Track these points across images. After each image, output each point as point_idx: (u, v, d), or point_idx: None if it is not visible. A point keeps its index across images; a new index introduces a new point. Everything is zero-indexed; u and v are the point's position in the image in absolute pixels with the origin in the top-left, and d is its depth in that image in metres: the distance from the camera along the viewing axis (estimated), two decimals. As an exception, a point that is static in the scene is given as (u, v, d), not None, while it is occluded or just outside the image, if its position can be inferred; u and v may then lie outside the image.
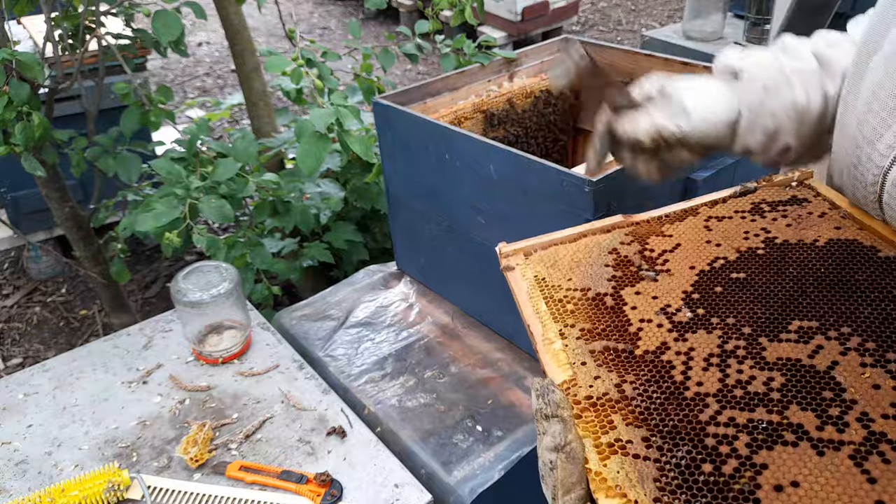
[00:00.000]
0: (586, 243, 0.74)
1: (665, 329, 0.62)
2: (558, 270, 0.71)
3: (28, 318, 2.75)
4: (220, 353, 1.25)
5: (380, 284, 1.52)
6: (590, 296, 0.67)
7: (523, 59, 1.57)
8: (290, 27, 1.94)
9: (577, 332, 0.63)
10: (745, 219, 0.74)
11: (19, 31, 2.61)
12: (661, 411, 0.55)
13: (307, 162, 1.44)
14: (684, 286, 0.67)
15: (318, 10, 6.51)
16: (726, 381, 0.56)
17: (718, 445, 0.52)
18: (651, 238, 0.73)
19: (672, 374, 0.57)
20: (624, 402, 0.56)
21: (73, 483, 0.99)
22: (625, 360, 0.59)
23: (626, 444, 0.53)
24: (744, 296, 0.64)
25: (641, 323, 0.63)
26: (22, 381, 1.24)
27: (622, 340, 0.61)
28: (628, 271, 0.69)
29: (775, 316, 0.61)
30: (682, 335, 0.61)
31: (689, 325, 0.62)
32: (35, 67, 1.49)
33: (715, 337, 0.60)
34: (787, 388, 0.55)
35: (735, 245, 0.70)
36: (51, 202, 1.89)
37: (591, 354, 0.60)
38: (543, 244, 0.75)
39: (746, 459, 0.50)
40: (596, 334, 0.62)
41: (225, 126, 4.12)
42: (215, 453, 1.08)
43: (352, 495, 1.00)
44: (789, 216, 0.73)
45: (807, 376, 0.56)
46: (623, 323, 0.63)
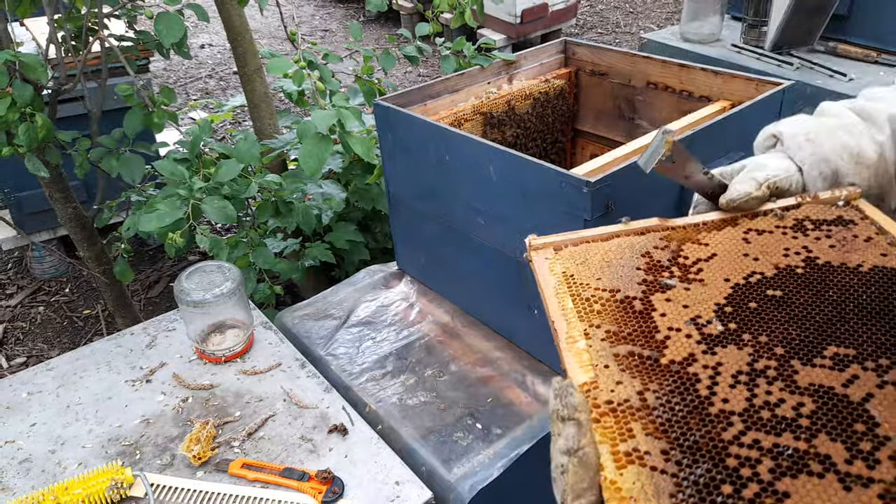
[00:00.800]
0: (619, 244, 0.72)
1: (694, 340, 0.59)
2: (588, 269, 0.69)
3: (32, 317, 2.76)
4: (222, 352, 1.26)
5: (380, 284, 1.53)
6: (618, 297, 0.65)
7: (522, 62, 1.58)
8: (292, 29, 1.95)
9: (602, 334, 0.61)
10: (787, 235, 0.70)
11: (22, 33, 2.63)
12: (682, 424, 0.52)
13: (309, 163, 1.45)
14: (717, 298, 0.64)
15: (320, 12, 6.53)
16: (753, 401, 0.54)
17: (740, 467, 0.49)
18: (686, 245, 0.71)
19: (697, 387, 0.55)
20: (645, 410, 0.54)
21: (77, 481, 1.00)
22: (649, 368, 0.57)
23: (645, 454, 0.51)
24: (779, 315, 0.61)
25: (670, 331, 0.61)
26: (26, 380, 1.25)
27: (648, 347, 0.59)
28: (660, 276, 0.67)
29: (810, 339, 0.58)
30: (712, 348, 0.58)
31: (720, 338, 0.59)
32: (38, 69, 1.50)
33: (745, 354, 0.57)
34: (818, 416, 0.52)
35: (773, 261, 0.67)
36: (54, 202, 1.91)
37: (614, 358, 0.58)
38: (574, 241, 0.72)
39: (769, 485, 0.48)
40: (622, 337, 0.61)
41: (227, 127, 4.13)
42: (218, 451, 1.09)
43: (353, 492, 1.01)
44: (833, 237, 0.69)
45: (839, 405, 0.53)
46: (650, 329, 0.61)
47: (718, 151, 1.18)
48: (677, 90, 1.43)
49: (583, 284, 0.67)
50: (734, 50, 2.32)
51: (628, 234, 0.73)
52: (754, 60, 2.21)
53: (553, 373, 1.24)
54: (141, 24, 2.01)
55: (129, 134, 1.73)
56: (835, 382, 0.54)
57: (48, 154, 1.71)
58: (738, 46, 2.32)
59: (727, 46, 2.36)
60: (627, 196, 1.05)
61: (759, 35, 2.29)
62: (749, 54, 2.26)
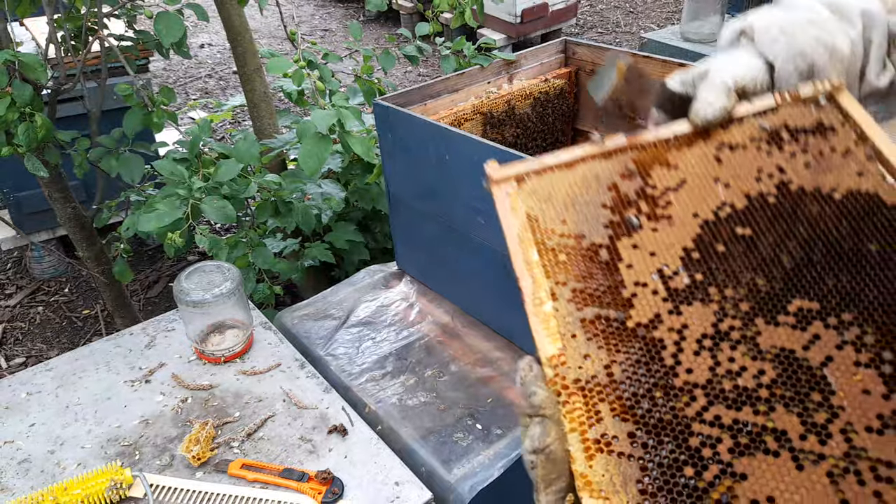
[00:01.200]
0: (584, 174, 0.67)
1: (660, 297, 0.58)
2: (553, 207, 0.65)
3: (31, 317, 2.76)
4: (222, 353, 1.26)
5: (380, 284, 1.53)
6: (584, 245, 0.62)
7: (523, 61, 1.58)
8: (292, 29, 1.95)
9: (568, 293, 0.59)
10: (761, 150, 0.65)
11: (22, 33, 2.62)
12: (648, 399, 0.53)
13: (309, 162, 1.45)
14: (685, 240, 0.61)
15: (320, 12, 6.53)
16: (717, 370, 0.54)
17: (702, 447, 0.50)
18: (655, 169, 0.66)
19: (663, 355, 0.55)
20: (612, 386, 0.54)
21: (76, 481, 1.00)
22: (616, 333, 0.56)
23: (612, 439, 0.51)
24: (747, 260, 0.59)
25: (636, 287, 0.59)
26: (25, 380, 1.25)
27: (615, 306, 0.58)
28: (627, 213, 0.64)
29: (776, 290, 0.57)
30: (678, 307, 0.57)
31: (686, 293, 0.58)
32: (38, 68, 1.50)
33: (710, 312, 0.56)
34: (777, 385, 0.53)
35: (745, 188, 0.63)
36: (54, 202, 1.90)
37: (581, 325, 0.57)
38: (538, 169, 0.67)
39: (728, 466, 0.49)
40: (588, 296, 0.59)
41: (227, 127, 4.13)
42: (217, 451, 1.08)
43: (353, 493, 1.01)
44: (809, 152, 0.64)
45: (798, 372, 0.53)
46: (617, 284, 0.59)
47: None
48: (678, 90, 1.43)
49: (548, 230, 0.63)
50: (734, 50, 2.31)
51: (595, 158, 0.68)
52: (754, 60, 2.20)
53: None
54: (140, 24, 2.01)
55: (129, 134, 1.73)
56: (796, 345, 0.54)
57: (47, 154, 1.70)
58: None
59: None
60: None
61: (760, 35, 2.29)
62: (749, 54, 2.25)
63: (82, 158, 1.76)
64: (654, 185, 0.65)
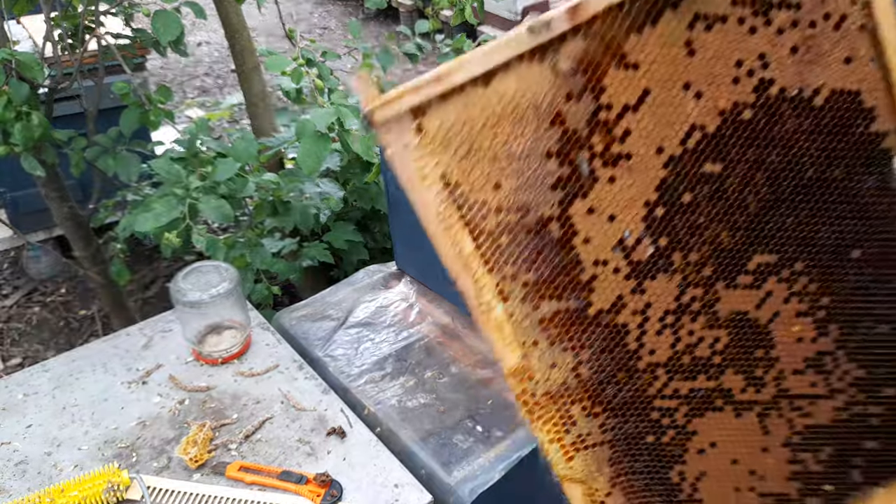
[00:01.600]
0: (514, 98, 0.48)
1: (622, 276, 0.52)
2: (479, 166, 0.48)
3: (27, 318, 2.75)
4: (219, 354, 1.25)
5: (380, 284, 1.52)
6: (529, 221, 0.50)
7: (523, 60, 1.57)
8: (290, 27, 1.94)
9: (520, 289, 0.51)
10: (742, 29, 0.51)
11: (18, 31, 2.61)
12: (613, 384, 0.53)
13: (308, 161, 1.44)
14: (648, 191, 0.51)
15: (318, 9, 6.51)
16: (677, 346, 0.54)
17: (661, 418, 0.54)
18: (609, 75, 0.49)
19: (626, 340, 0.53)
20: (581, 387, 0.53)
21: (73, 483, 0.99)
22: (578, 325, 0.51)
23: (586, 437, 0.53)
24: (713, 208, 0.52)
25: (596, 267, 0.52)
26: (21, 381, 1.24)
27: (574, 294, 0.51)
28: (577, 157, 0.51)
29: (739, 246, 0.53)
30: (641, 284, 0.52)
31: (649, 266, 0.52)
32: (34, 67, 1.49)
33: (674, 285, 0.53)
34: (729, 350, 0.55)
35: (720, 98, 0.51)
36: (50, 202, 1.89)
37: (541, 327, 0.51)
38: (442, 92, 0.46)
39: (682, 428, 0.54)
40: (543, 288, 0.51)
41: (225, 126, 4.12)
42: (215, 453, 1.08)
43: (352, 496, 1.00)
44: (799, 27, 0.52)
45: (748, 333, 0.55)
46: (574, 265, 0.51)
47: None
48: (679, 89, 1.42)
49: (479, 205, 0.49)
50: (734, 48, 2.31)
51: (523, 61, 0.47)
52: (755, 59, 2.20)
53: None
54: (138, 22, 2.00)
55: (126, 132, 1.72)
56: (750, 305, 0.55)
57: (44, 153, 1.69)
58: None
59: None
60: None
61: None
62: (749, 53, 2.25)
63: (79, 157, 1.75)
64: (609, 102, 0.49)
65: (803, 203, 0.54)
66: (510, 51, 0.46)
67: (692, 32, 0.50)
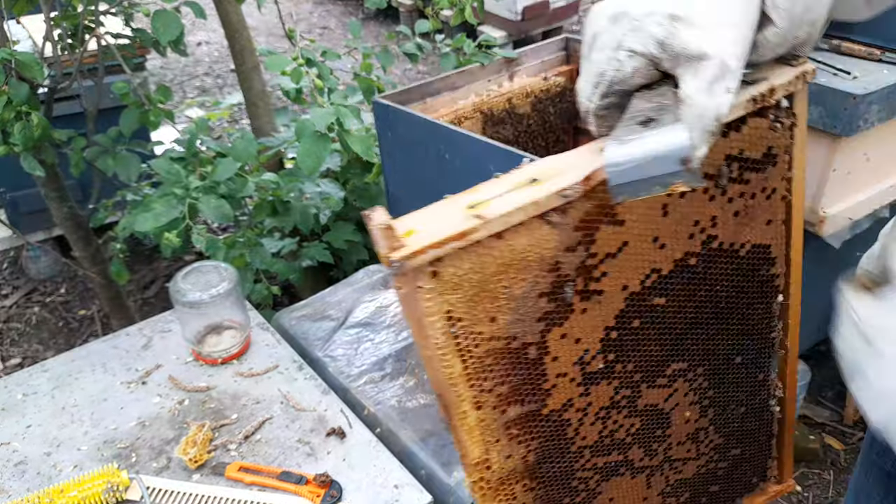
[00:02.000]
0: (523, 251, 0.53)
1: (576, 383, 0.62)
2: (481, 305, 0.53)
3: (27, 318, 2.74)
4: (219, 354, 1.25)
5: (379, 284, 1.52)
6: (513, 346, 0.56)
7: (523, 59, 1.57)
8: (290, 26, 1.94)
9: (493, 400, 0.57)
10: (705, 197, 0.61)
11: (18, 31, 2.61)
12: (548, 463, 0.64)
13: (307, 161, 1.44)
14: (608, 319, 0.60)
15: (318, 9, 6.51)
16: (602, 432, 0.66)
17: (579, 485, 0.67)
18: (601, 230, 0.57)
19: (567, 431, 0.63)
20: (527, 471, 0.63)
21: (72, 484, 0.99)
22: (533, 423, 0.61)
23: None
24: (652, 330, 0.64)
25: (557, 378, 0.60)
26: (21, 381, 1.24)
27: (534, 400, 0.60)
28: (562, 300, 0.57)
29: (664, 355, 0.66)
30: (587, 389, 0.63)
31: (597, 375, 0.63)
32: (34, 67, 1.49)
33: (612, 389, 0.64)
34: (638, 432, 0.67)
35: (677, 250, 0.61)
36: (50, 202, 1.89)
37: (505, 429, 0.60)
38: (460, 247, 0.50)
39: (592, 490, 0.68)
40: (511, 397, 0.58)
41: (224, 126, 4.11)
42: (214, 454, 1.07)
43: (351, 496, 1.00)
44: (745, 196, 0.62)
45: (655, 419, 0.68)
46: (539, 379, 0.59)
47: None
48: (679, 88, 1.42)
49: (474, 334, 0.53)
50: (735, 48, 2.30)
51: (535, 220, 0.53)
52: (755, 59, 2.19)
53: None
54: (138, 22, 2.00)
55: (126, 132, 1.72)
56: (660, 399, 0.67)
57: (44, 153, 1.69)
58: None
59: None
60: (630, 195, 1.04)
61: (760, 33, 2.28)
62: (750, 52, 2.24)
63: (79, 157, 1.75)
64: (596, 251, 0.57)
65: (714, 324, 0.67)
66: (528, 213, 0.52)
67: (670, 198, 0.59)
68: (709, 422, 0.71)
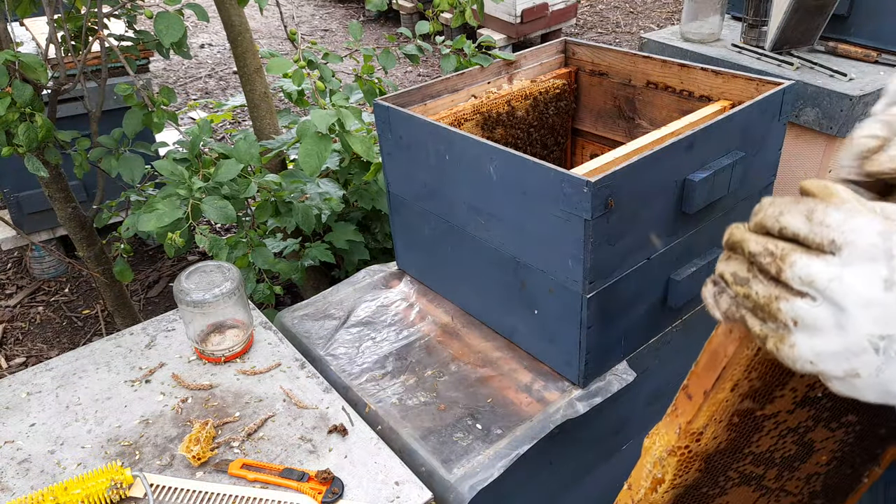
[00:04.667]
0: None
1: (793, 402, 0.64)
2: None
3: (31, 317, 2.76)
4: (222, 352, 1.26)
5: (380, 284, 1.53)
6: None
7: (522, 61, 1.58)
8: (292, 29, 1.95)
9: (745, 388, 0.62)
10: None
11: (22, 33, 2.62)
12: (724, 456, 0.66)
13: (309, 162, 1.45)
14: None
15: (320, 12, 6.53)
16: (772, 447, 0.67)
17: (721, 482, 0.68)
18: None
19: (754, 436, 0.66)
20: (712, 455, 0.65)
21: (76, 481, 1.00)
22: (748, 419, 0.64)
23: (683, 481, 0.66)
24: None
25: (789, 391, 0.64)
26: (25, 380, 1.25)
27: (763, 401, 0.63)
28: None
29: (850, 403, 0.66)
30: (795, 408, 0.65)
31: (810, 401, 0.65)
32: (38, 69, 1.50)
33: (807, 415, 0.66)
34: (788, 458, 0.69)
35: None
36: (54, 202, 1.90)
37: (732, 415, 0.63)
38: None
39: (724, 490, 0.69)
40: (757, 393, 0.63)
41: (227, 127, 4.13)
42: (217, 451, 1.08)
43: (353, 493, 1.01)
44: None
45: (804, 453, 0.68)
46: (780, 386, 0.63)
47: (719, 151, 1.18)
48: (677, 90, 1.43)
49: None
50: (734, 50, 2.32)
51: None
52: (754, 60, 2.20)
53: (553, 372, 1.24)
54: (141, 24, 2.01)
55: (129, 134, 1.73)
56: (821, 439, 0.68)
57: (48, 154, 1.70)
58: (739, 46, 2.32)
59: (727, 46, 2.36)
60: (628, 196, 1.05)
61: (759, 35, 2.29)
62: (749, 54, 2.26)
63: (82, 158, 1.76)
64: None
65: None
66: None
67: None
68: (826, 471, 0.72)
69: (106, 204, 1.99)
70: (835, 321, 0.44)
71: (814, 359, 0.46)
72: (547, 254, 1.12)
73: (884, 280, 0.43)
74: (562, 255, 1.09)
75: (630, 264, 1.14)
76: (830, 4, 2.03)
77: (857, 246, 0.44)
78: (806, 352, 0.46)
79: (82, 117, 2.40)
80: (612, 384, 1.22)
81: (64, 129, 1.80)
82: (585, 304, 1.10)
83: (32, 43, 2.55)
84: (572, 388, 1.21)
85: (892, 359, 0.44)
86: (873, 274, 0.43)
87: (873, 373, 0.45)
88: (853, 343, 0.44)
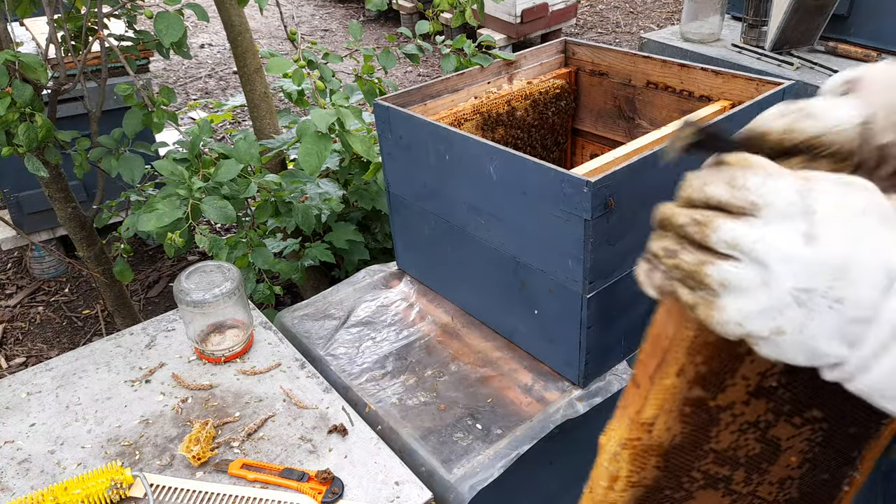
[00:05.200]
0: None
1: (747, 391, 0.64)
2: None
3: (31, 317, 2.76)
4: (222, 352, 1.26)
5: (380, 284, 1.53)
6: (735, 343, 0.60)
7: (522, 61, 1.58)
8: (292, 29, 1.95)
9: (692, 374, 0.61)
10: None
11: (22, 33, 2.63)
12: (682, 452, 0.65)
13: (309, 162, 1.45)
14: None
15: (320, 12, 6.53)
16: (733, 444, 0.66)
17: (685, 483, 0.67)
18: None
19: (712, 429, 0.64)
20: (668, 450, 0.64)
21: (76, 481, 1.00)
22: (700, 409, 0.62)
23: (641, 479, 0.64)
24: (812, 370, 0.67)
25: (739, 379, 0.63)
26: (25, 380, 1.25)
27: (714, 389, 0.62)
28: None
29: (811, 398, 0.65)
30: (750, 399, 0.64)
31: (764, 391, 0.64)
32: (38, 69, 1.50)
33: (765, 407, 0.65)
34: (754, 457, 0.68)
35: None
36: (54, 202, 1.91)
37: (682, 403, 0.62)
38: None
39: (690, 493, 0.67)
40: (704, 379, 0.62)
41: (227, 127, 4.13)
42: (217, 451, 1.08)
43: (353, 493, 1.01)
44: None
45: (771, 451, 0.68)
46: (729, 374, 0.62)
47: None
48: (677, 90, 1.43)
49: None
50: (734, 50, 2.32)
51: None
52: (754, 60, 2.21)
53: (553, 373, 1.24)
54: (141, 24, 2.01)
55: (129, 134, 1.73)
56: (785, 436, 0.67)
57: (48, 154, 1.71)
58: (739, 46, 2.32)
59: (727, 46, 2.36)
60: (628, 196, 1.05)
61: (759, 35, 2.29)
62: (749, 54, 2.26)
63: (82, 158, 1.76)
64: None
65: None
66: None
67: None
68: (800, 475, 0.72)
69: (106, 204, 1.99)
70: (760, 280, 0.46)
71: (741, 320, 0.47)
72: (547, 254, 1.12)
73: (803, 235, 0.45)
74: (562, 255, 1.09)
75: (630, 264, 1.14)
76: (830, 4, 2.03)
77: (776, 205, 0.45)
78: (734, 314, 0.47)
79: (82, 117, 2.40)
80: (612, 384, 1.22)
81: (64, 129, 1.80)
82: (585, 304, 1.10)
83: (32, 43, 2.55)
84: (572, 388, 1.21)
85: (813, 312, 0.45)
86: (793, 230, 0.45)
87: (797, 328, 0.46)
88: (777, 299, 0.45)
